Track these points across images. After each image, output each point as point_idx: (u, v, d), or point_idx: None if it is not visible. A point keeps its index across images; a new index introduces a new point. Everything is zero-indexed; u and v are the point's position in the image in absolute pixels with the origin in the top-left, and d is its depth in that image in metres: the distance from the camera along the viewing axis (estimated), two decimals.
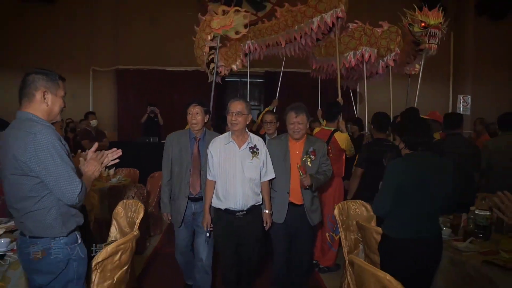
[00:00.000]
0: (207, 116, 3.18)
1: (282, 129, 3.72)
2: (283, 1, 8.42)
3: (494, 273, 1.99)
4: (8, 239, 2.22)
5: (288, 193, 3.00)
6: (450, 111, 9.97)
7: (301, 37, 4.82)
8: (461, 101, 8.66)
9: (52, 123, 1.88)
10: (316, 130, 4.10)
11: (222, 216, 2.90)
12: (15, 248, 2.19)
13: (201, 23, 5.34)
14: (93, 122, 6.41)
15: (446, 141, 4.05)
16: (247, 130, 2.96)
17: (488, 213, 2.49)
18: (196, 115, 3.09)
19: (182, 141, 3.19)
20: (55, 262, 1.73)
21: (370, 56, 4.73)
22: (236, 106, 2.84)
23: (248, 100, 7.34)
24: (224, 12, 5.00)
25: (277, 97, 6.21)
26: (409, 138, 2.21)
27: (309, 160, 3.02)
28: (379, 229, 2.36)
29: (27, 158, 1.64)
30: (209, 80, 5.90)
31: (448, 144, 3.92)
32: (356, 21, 4.97)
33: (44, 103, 1.81)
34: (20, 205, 1.71)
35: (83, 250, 1.86)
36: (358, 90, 8.68)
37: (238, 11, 4.96)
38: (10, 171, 1.68)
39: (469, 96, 8.60)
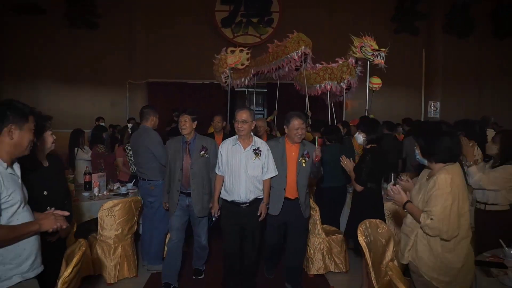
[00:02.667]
0: (195, 123, 3.58)
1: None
2: (281, 27, 10.48)
3: None
4: (125, 187, 4.37)
5: (284, 189, 3.37)
6: (422, 115, 11.84)
7: (279, 68, 6.95)
8: (432, 106, 10.53)
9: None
10: None
11: (229, 206, 3.31)
12: (129, 191, 4.35)
13: (218, 59, 7.44)
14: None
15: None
16: (252, 134, 3.32)
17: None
18: (184, 123, 3.49)
19: (176, 145, 3.60)
20: (158, 190, 3.86)
21: (331, 87, 6.78)
22: (242, 115, 3.21)
23: (253, 106, 9.34)
24: (232, 51, 7.12)
25: (276, 108, 8.20)
26: (327, 136, 4.32)
27: (304, 161, 3.37)
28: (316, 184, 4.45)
29: (149, 145, 3.75)
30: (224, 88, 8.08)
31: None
32: (322, 62, 7.00)
33: (153, 121, 3.94)
34: (145, 166, 3.83)
35: None
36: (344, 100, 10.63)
37: (242, 50, 7.09)
38: (143, 152, 3.80)
39: (438, 102, 10.49)
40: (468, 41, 11.71)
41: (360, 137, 3.35)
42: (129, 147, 4.68)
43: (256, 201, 3.30)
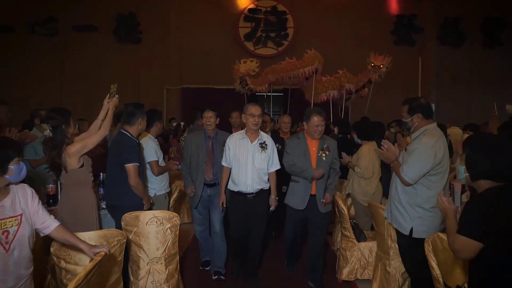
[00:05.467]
0: (218, 118, 3.74)
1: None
2: (295, 41, 12.19)
3: None
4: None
5: (311, 183, 3.39)
6: None
7: (294, 77, 8.79)
8: None
9: None
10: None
11: (236, 196, 3.45)
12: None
13: (234, 69, 9.38)
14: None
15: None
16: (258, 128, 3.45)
17: None
18: (210, 118, 3.67)
19: (198, 139, 3.73)
20: None
21: (333, 95, 8.58)
22: (258, 109, 3.37)
23: (272, 107, 11.25)
24: (245, 62, 9.04)
25: (288, 112, 10.04)
26: None
27: (324, 155, 3.40)
28: None
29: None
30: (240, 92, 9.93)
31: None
32: (327, 75, 8.80)
33: (202, 121, 5.92)
34: None
35: None
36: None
37: (252, 60, 8.99)
38: None
39: (433, 104, 12.11)
40: (460, 51, 13.26)
41: (335, 130, 5.25)
42: (183, 139, 6.63)
43: (262, 192, 3.45)
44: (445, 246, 2.28)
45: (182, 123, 7.06)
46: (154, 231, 2.96)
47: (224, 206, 3.57)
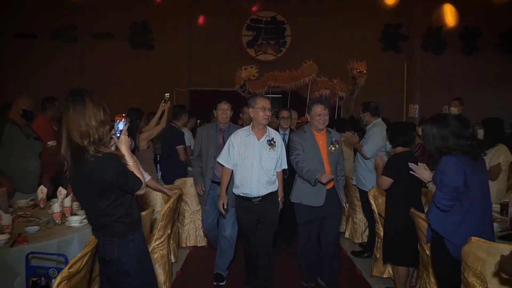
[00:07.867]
0: (232, 111, 3.64)
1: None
2: (293, 48, 13.55)
3: None
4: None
5: (314, 185, 3.17)
6: (404, 116, 14.81)
7: (295, 85, 10.12)
8: (412, 108, 13.51)
9: None
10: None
11: (241, 201, 3.16)
12: None
13: (236, 75, 10.76)
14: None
15: None
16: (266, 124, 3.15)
17: None
18: (226, 111, 3.53)
19: (209, 132, 3.58)
20: None
21: (326, 94, 9.89)
22: (267, 103, 3.12)
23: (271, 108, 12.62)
24: (245, 68, 10.43)
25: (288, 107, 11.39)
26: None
27: (333, 148, 3.28)
28: None
29: None
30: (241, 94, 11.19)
31: None
32: (322, 76, 10.16)
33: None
34: None
35: None
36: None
37: (252, 67, 10.38)
38: None
39: (417, 105, 13.44)
40: (441, 57, 14.61)
41: None
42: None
43: (270, 196, 3.17)
44: (381, 193, 3.67)
45: (198, 121, 8.39)
46: (195, 192, 4.36)
47: (225, 207, 3.26)
